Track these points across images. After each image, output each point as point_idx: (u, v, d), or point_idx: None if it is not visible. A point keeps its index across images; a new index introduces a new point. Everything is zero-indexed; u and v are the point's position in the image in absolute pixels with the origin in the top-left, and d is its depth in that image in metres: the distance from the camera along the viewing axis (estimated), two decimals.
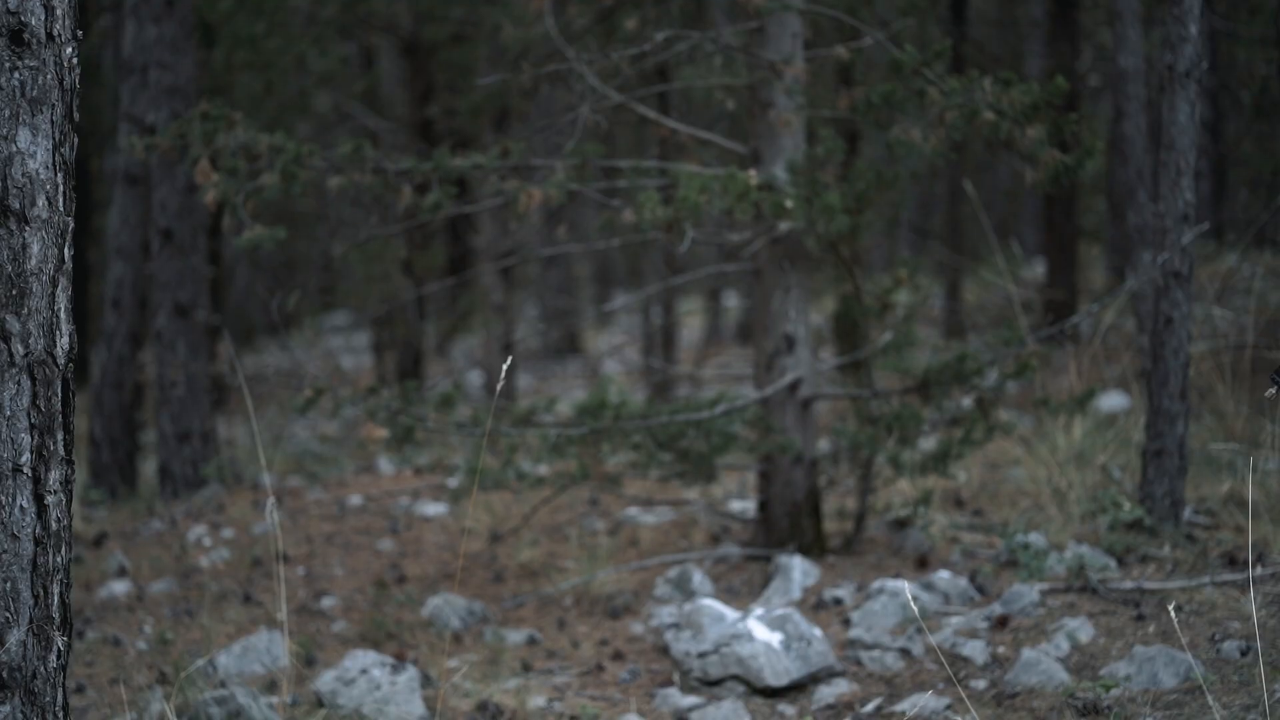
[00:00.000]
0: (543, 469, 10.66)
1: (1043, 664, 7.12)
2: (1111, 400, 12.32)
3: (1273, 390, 4.85)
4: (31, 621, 4.37)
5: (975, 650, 7.53)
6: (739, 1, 9.72)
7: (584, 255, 27.92)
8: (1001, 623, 7.80)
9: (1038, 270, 20.28)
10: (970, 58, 16.82)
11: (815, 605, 8.70)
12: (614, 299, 28.34)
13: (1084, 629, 7.53)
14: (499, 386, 5.86)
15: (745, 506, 11.07)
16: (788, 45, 9.43)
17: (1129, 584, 8.03)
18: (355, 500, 12.52)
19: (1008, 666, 7.33)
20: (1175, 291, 8.46)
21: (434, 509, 12.05)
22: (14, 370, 4.29)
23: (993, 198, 23.52)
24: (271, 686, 7.94)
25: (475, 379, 21.45)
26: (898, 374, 9.90)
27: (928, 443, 10.42)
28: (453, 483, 12.26)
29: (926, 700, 7.04)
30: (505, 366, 5.88)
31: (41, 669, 4.41)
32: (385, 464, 14.07)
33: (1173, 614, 5.15)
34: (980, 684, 7.24)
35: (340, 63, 19.71)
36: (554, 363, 25.01)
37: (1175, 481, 8.58)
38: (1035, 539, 8.66)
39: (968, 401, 9.66)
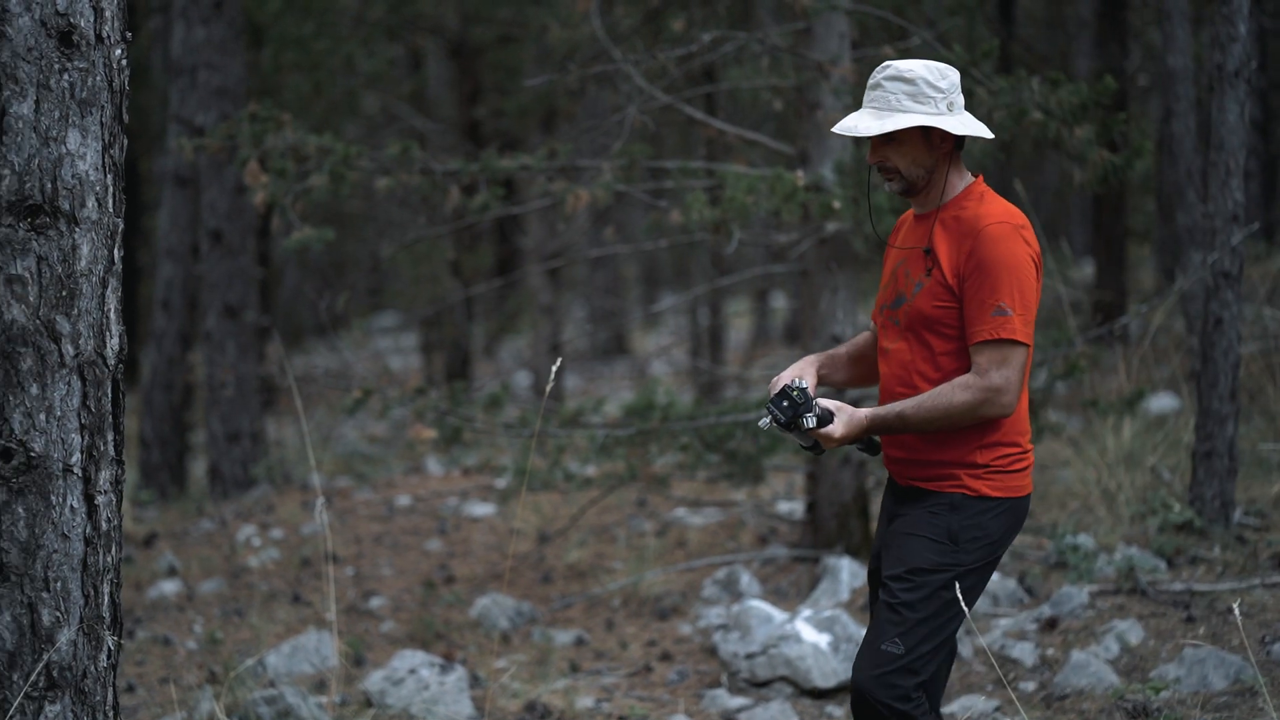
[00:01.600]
0: (590, 470, 10.66)
1: (1092, 666, 7.09)
2: (1161, 401, 12.25)
3: (766, 421, 4.82)
4: (82, 621, 4.39)
5: (1024, 652, 7.50)
6: (786, 2, 9.70)
7: (631, 256, 27.94)
8: (1050, 624, 7.76)
9: (1086, 271, 20.20)
10: (1018, 57, 16.74)
11: (863, 607, 8.68)
12: (661, 300, 28.35)
13: (1133, 631, 7.49)
14: (547, 387, 5.86)
15: (793, 508, 11.05)
16: (835, 45, 9.41)
17: (1179, 586, 7.98)
18: (404, 501, 12.55)
19: (1057, 668, 7.30)
20: (1225, 292, 8.40)
21: (482, 509, 12.08)
22: (64, 371, 4.31)
23: (1041, 198, 23.43)
24: (320, 686, 7.97)
25: (523, 380, 21.49)
26: None
27: None
28: (501, 483, 12.29)
29: (976, 702, 7.02)
30: (554, 368, 5.89)
31: (92, 668, 4.43)
32: (433, 464, 14.11)
33: (1237, 613, 5.12)
34: (1029, 686, 7.21)
35: (388, 64, 19.78)
36: (601, 363, 25.03)
37: (1225, 483, 8.53)
38: (1084, 541, 8.62)
39: None
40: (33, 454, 4.27)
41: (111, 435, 4.46)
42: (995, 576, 8.50)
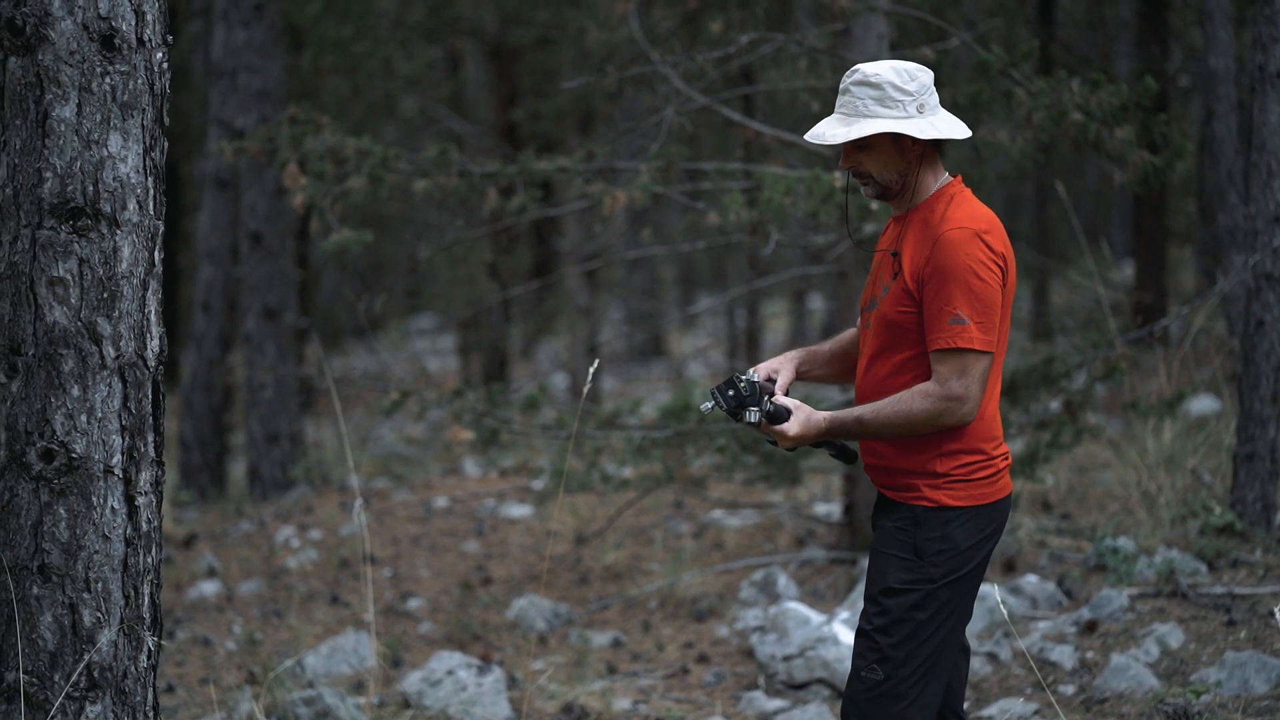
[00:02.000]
0: (627, 471, 10.66)
1: (1132, 669, 7.06)
2: (1202, 403, 12.20)
3: (709, 404, 4.78)
4: (122, 621, 4.41)
5: (1063, 655, 7.47)
6: (824, 3, 9.69)
7: (668, 257, 27.93)
8: (1090, 627, 7.74)
9: (1127, 272, 20.13)
10: (1058, 58, 16.68)
11: None
12: (698, 301, 28.33)
13: (1174, 634, 7.46)
14: (584, 389, 5.86)
15: (830, 509, 11.04)
16: (873, 46, 9.39)
17: (1219, 589, 7.94)
18: (441, 502, 12.57)
19: (1096, 672, 7.27)
20: (1267, 294, 8.36)
21: (519, 511, 12.09)
22: (105, 372, 4.33)
23: (1081, 199, 23.34)
24: (359, 687, 7.99)
25: (560, 381, 21.50)
26: None
27: (1015, 445, 10.35)
28: (538, 485, 12.29)
29: (1014, 705, 6.99)
30: (591, 369, 5.89)
31: (132, 669, 4.45)
32: (471, 466, 14.13)
33: (1279, 616, 5.08)
34: (1068, 689, 7.18)
35: (426, 66, 19.83)
36: (638, 365, 25.02)
37: (1267, 486, 8.49)
38: (1124, 543, 8.59)
39: (1055, 404, 9.58)
40: (74, 455, 4.30)
41: (152, 437, 4.48)
42: (1033, 579, 8.47)
